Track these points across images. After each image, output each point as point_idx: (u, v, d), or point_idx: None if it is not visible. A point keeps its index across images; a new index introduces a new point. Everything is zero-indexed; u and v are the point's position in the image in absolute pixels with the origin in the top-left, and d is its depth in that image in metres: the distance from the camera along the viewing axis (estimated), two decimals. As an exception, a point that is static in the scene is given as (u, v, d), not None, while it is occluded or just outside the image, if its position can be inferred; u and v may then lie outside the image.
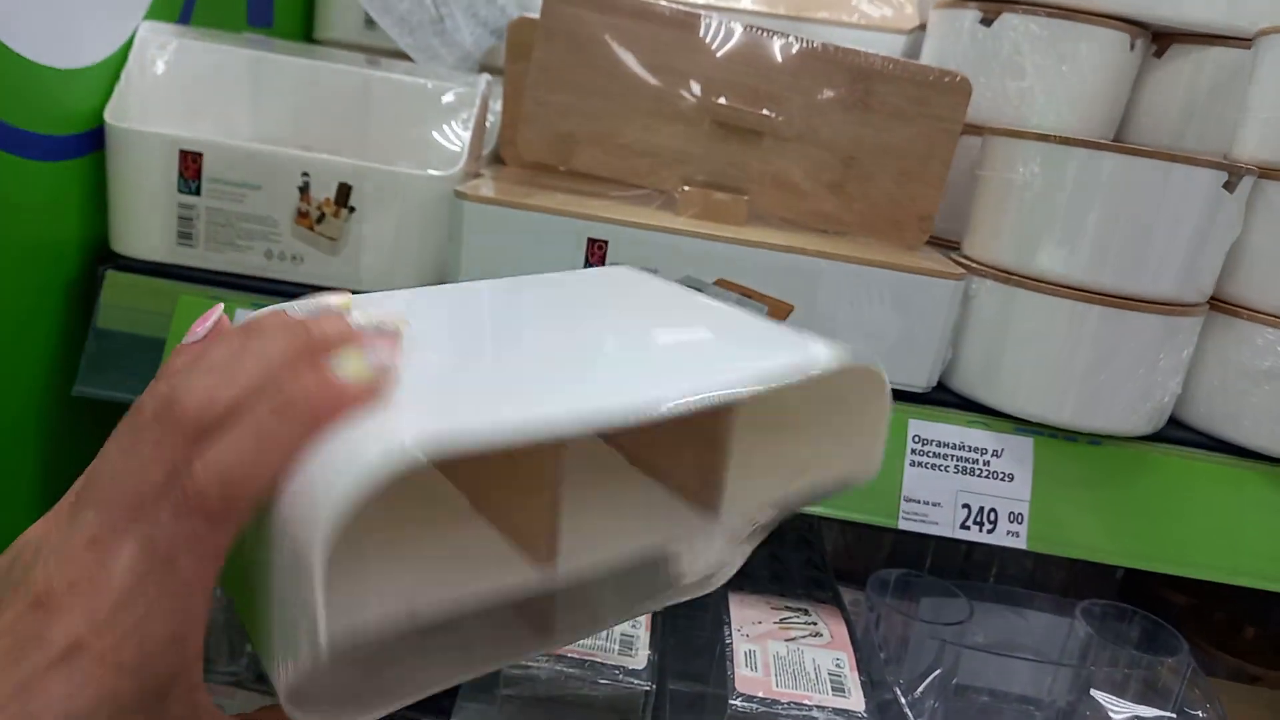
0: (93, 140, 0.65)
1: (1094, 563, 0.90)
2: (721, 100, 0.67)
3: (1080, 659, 0.72)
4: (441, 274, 0.67)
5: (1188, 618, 0.93)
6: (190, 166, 0.64)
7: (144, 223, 0.65)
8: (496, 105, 0.79)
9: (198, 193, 0.65)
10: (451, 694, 0.60)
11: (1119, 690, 0.69)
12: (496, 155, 0.80)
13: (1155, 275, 0.61)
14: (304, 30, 1.01)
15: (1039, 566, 0.89)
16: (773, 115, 0.67)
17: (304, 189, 0.64)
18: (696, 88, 0.68)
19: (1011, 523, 0.64)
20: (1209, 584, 0.65)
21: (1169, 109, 0.79)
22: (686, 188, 0.68)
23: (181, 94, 0.69)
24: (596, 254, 0.62)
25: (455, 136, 0.70)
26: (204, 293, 0.64)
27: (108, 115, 0.64)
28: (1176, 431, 0.67)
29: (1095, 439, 0.65)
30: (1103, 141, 0.59)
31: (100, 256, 0.67)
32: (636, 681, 0.56)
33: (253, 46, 0.72)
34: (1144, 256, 0.60)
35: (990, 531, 0.64)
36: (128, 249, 0.66)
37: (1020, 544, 0.63)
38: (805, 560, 0.74)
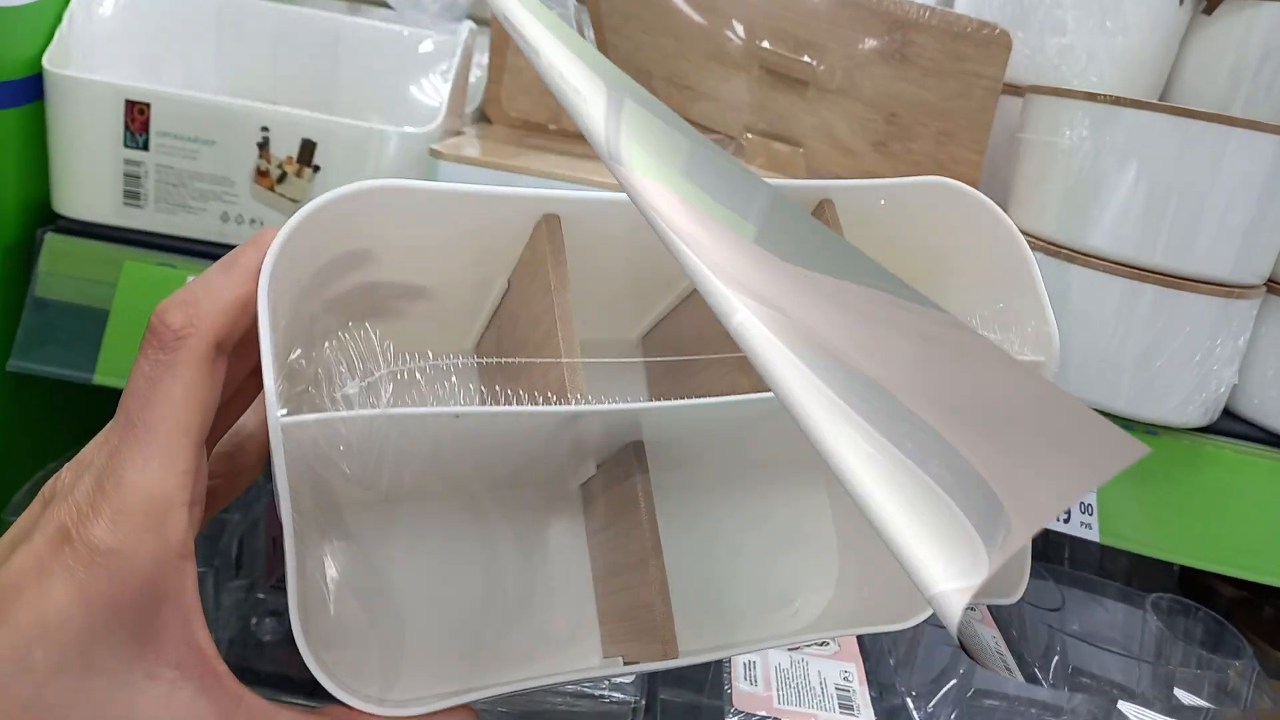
0: (30, 88, 0.58)
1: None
2: (765, 44, 0.61)
3: (1155, 656, 0.67)
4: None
5: (1236, 610, 0.88)
6: (137, 119, 0.58)
7: (87, 181, 0.59)
8: (483, 59, 0.72)
9: (145, 147, 0.58)
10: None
11: (1194, 690, 0.64)
12: (483, 113, 0.74)
13: (1210, 252, 0.54)
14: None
15: (1105, 556, 0.84)
16: (815, 64, 0.61)
17: (263, 145, 0.58)
18: (744, 32, 0.61)
19: (1083, 514, 0.58)
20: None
21: (1218, 72, 0.71)
22: (750, 135, 0.61)
23: (133, 39, 0.63)
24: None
25: (434, 90, 0.64)
26: (152, 258, 0.58)
27: (46, 61, 0.57)
28: (1231, 424, 0.61)
29: (1151, 429, 0.59)
30: (1157, 103, 0.52)
31: (40, 219, 0.60)
32: (623, 696, 0.50)
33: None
34: (1198, 231, 0.53)
35: (1065, 522, 0.58)
36: (70, 209, 0.59)
37: (1093, 535, 0.58)
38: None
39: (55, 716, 0.22)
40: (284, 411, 0.24)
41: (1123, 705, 0.58)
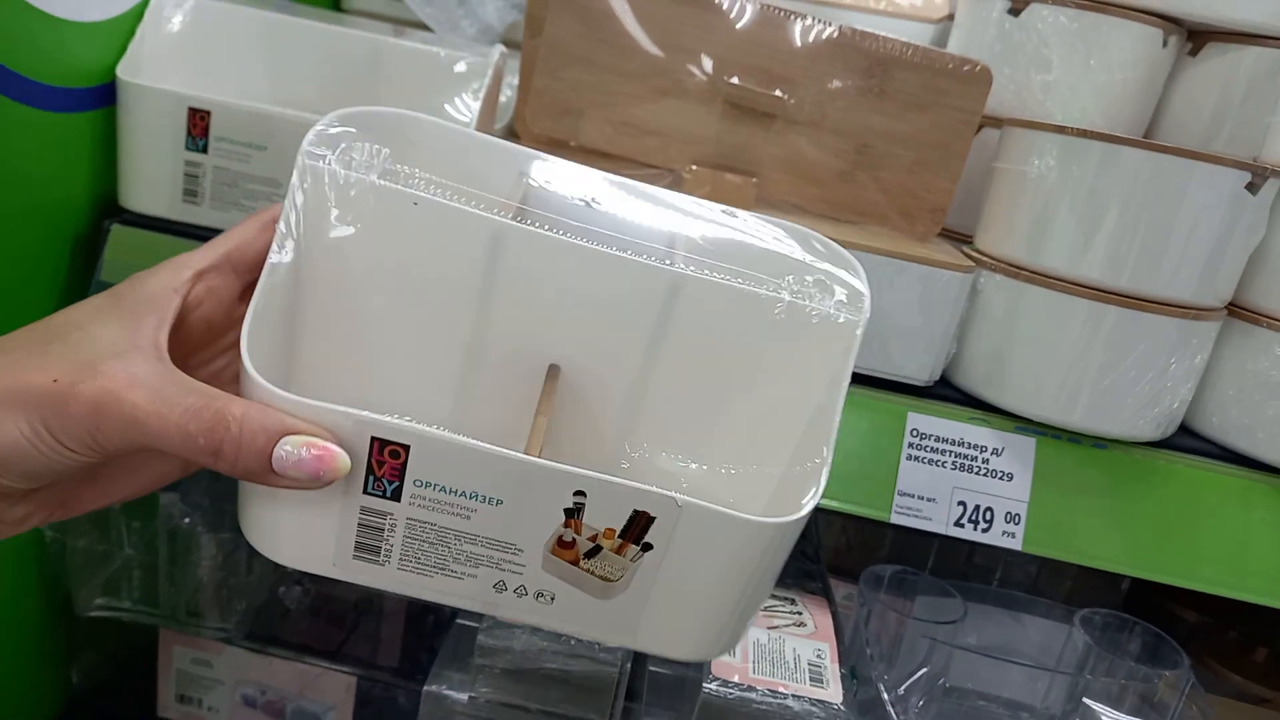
0: (103, 95, 0.65)
1: (1099, 574, 0.89)
2: (734, 80, 0.66)
3: (1077, 668, 0.70)
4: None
5: (1199, 636, 0.91)
6: (198, 124, 0.64)
7: (151, 179, 0.66)
8: (514, 80, 0.79)
9: (204, 150, 0.65)
10: (415, 649, 0.60)
11: (1114, 702, 0.67)
12: (511, 130, 0.80)
13: (1172, 276, 0.59)
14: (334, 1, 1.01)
15: (1043, 574, 0.87)
16: (785, 98, 0.66)
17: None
18: (709, 66, 0.67)
19: (1008, 523, 0.62)
20: (1222, 602, 0.63)
21: (1201, 111, 0.76)
22: (695, 167, 0.67)
23: (195, 53, 0.70)
24: (597, 229, 0.61)
25: (465, 107, 0.70)
26: (206, 251, 0.64)
27: (120, 71, 0.64)
28: (1187, 440, 0.65)
29: (1100, 442, 0.63)
30: (1121, 135, 0.57)
31: (107, 212, 0.67)
32: (610, 661, 0.55)
33: (271, 9, 0.72)
34: (1161, 256, 0.58)
35: (985, 530, 0.62)
36: (134, 204, 0.66)
37: (1015, 544, 0.62)
38: (799, 552, 0.73)
39: (71, 324, 0.36)
40: None
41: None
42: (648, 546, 0.35)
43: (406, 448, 0.33)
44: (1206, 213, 0.57)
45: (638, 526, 0.35)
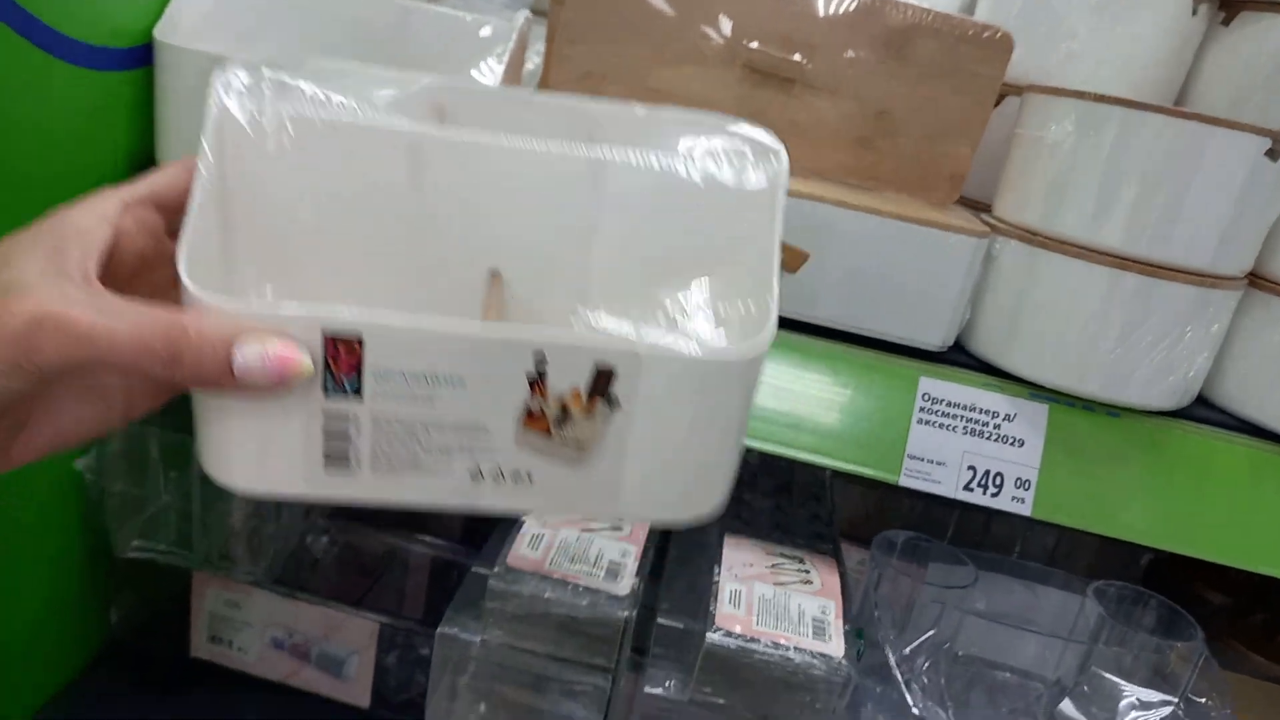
0: (141, 56, 0.67)
1: (1117, 551, 0.89)
2: (754, 45, 0.67)
3: (1090, 640, 0.71)
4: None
5: (1222, 616, 0.90)
6: (235, 86, 0.66)
7: (187, 138, 0.68)
8: (541, 46, 0.80)
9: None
10: (439, 601, 0.62)
11: (1125, 673, 0.68)
12: (537, 96, 0.81)
13: (1189, 244, 0.58)
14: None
15: (1061, 549, 0.87)
16: (805, 63, 0.67)
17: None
18: (729, 31, 0.67)
19: (1018, 488, 0.63)
20: (1247, 584, 0.63)
21: (1231, 82, 0.75)
22: (714, 132, 0.67)
23: (231, 17, 0.72)
24: (615, 190, 0.63)
25: (490, 71, 0.71)
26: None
27: (157, 32, 0.66)
28: (1203, 410, 0.65)
29: (1114, 410, 0.63)
30: (1139, 101, 0.57)
31: (145, 169, 0.69)
32: (617, 607, 0.57)
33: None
34: (1178, 223, 0.58)
35: (995, 495, 0.63)
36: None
37: (1025, 510, 0.62)
38: (812, 515, 0.74)
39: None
40: None
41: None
42: (615, 404, 0.35)
43: (360, 340, 0.33)
44: (1225, 180, 0.57)
45: (602, 383, 0.35)
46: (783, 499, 0.75)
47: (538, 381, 0.34)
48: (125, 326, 0.31)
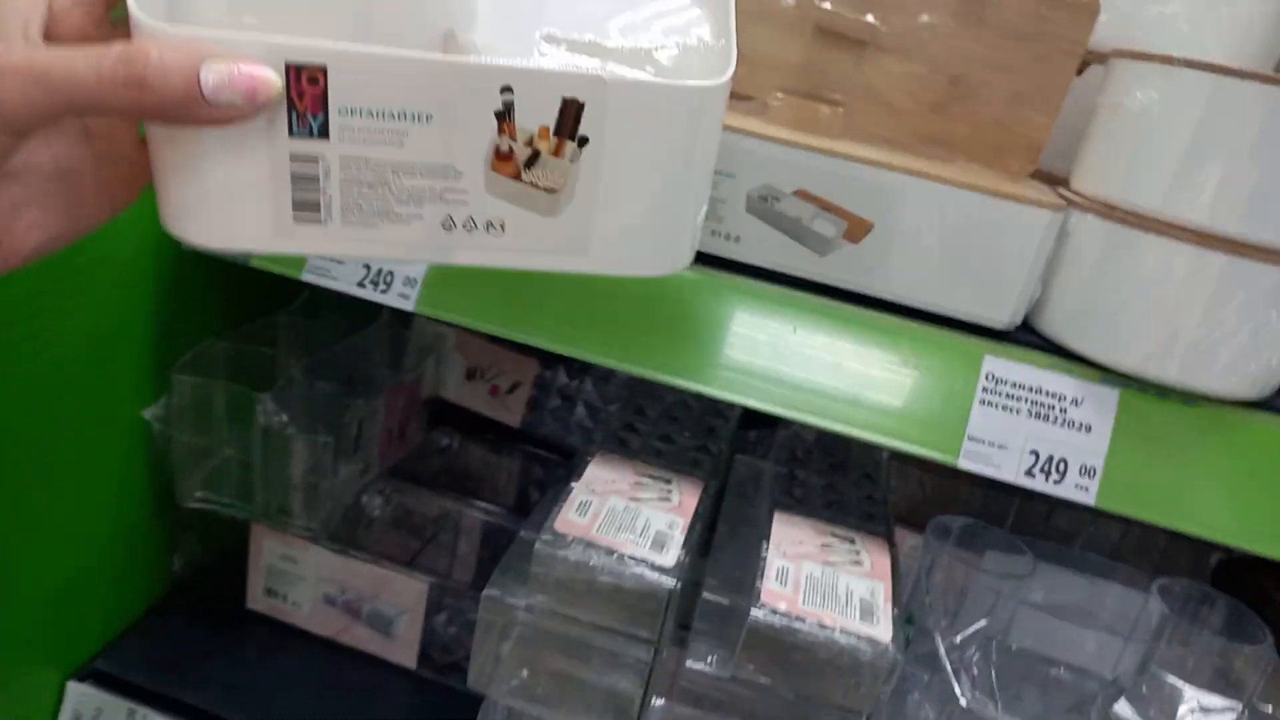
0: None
1: (1185, 547, 0.85)
2: (825, 5, 0.65)
3: (1152, 638, 0.68)
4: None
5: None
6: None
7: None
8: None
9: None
10: (489, 567, 0.63)
11: (1188, 675, 0.65)
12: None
13: (1281, 223, 0.55)
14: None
15: (1126, 543, 0.84)
16: (878, 24, 0.64)
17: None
18: (801, -7, 0.65)
19: (1083, 476, 0.60)
20: None
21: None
22: (780, 94, 0.66)
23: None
24: (674, 155, 0.61)
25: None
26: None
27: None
28: (1291, 402, 0.61)
29: (1190, 399, 0.60)
30: (1230, 66, 0.53)
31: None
32: (662, 578, 0.56)
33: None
34: (1270, 200, 0.54)
35: (1058, 483, 0.60)
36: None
37: (1089, 499, 0.60)
38: (866, 495, 0.72)
39: None
40: None
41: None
42: (583, 141, 0.35)
43: (324, 71, 0.32)
44: (1325, 152, 0.53)
45: (570, 118, 0.35)
46: (837, 477, 0.74)
47: (505, 118, 0.34)
48: (83, 58, 0.30)
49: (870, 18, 0.63)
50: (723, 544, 0.69)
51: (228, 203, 0.34)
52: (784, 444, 0.78)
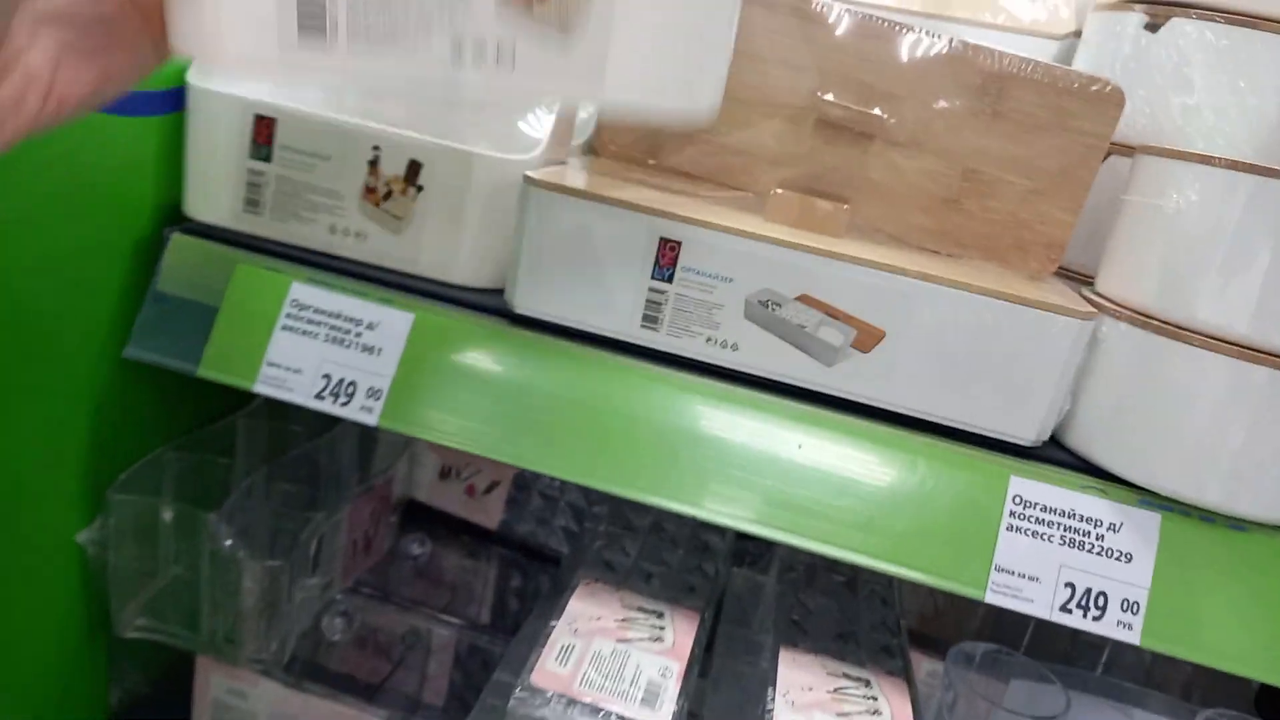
0: (173, 100, 0.63)
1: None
2: (830, 97, 0.60)
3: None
4: (506, 263, 0.62)
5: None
6: (263, 131, 0.62)
7: (214, 187, 0.63)
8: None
9: (269, 159, 0.62)
10: (461, 690, 0.56)
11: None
12: (593, 148, 0.75)
13: (1336, 335, 0.50)
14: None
15: (1157, 660, 0.77)
16: (886, 117, 0.60)
17: (374, 163, 0.61)
18: (804, 81, 0.61)
19: (1125, 611, 0.54)
20: None
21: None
22: (780, 190, 0.61)
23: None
24: (668, 255, 0.56)
25: (537, 123, 0.66)
26: (263, 263, 0.62)
27: (190, 75, 0.62)
28: (1347, 525, 0.56)
29: (1238, 523, 0.54)
30: (1275, 168, 0.49)
31: (170, 219, 0.65)
32: (654, 742, 0.49)
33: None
34: (1323, 311, 0.49)
35: (1097, 619, 0.54)
36: (197, 213, 0.64)
37: (1133, 638, 0.53)
38: (879, 621, 0.66)
39: None
40: None
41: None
42: None
43: None
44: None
45: None
46: (845, 598, 0.67)
47: None
48: None
49: (878, 110, 0.59)
50: (721, 678, 0.63)
51: (232, 15, 0.35)
52: (785, 557, 0.72)
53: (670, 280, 0.57)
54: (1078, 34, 0.76)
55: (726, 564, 0.70)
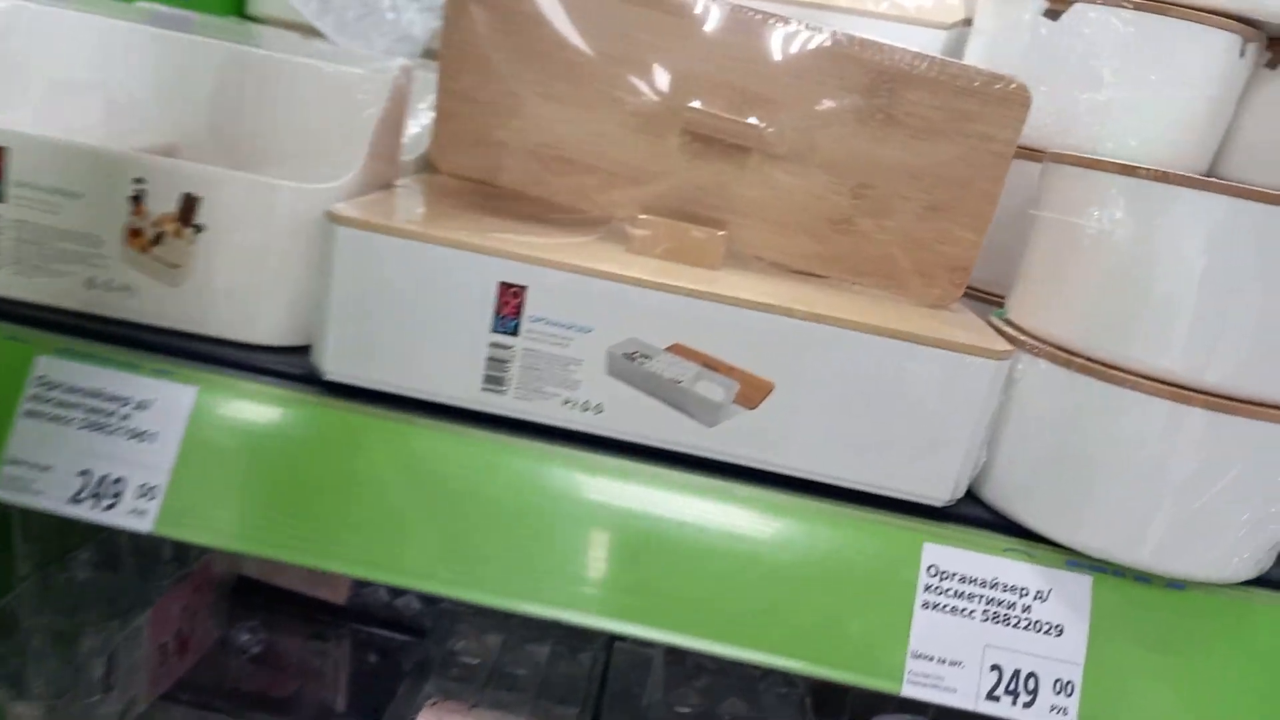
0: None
1: None
2: (696, 104, 0.51)
3: None
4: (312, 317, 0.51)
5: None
6: (-7, 165, 0.49)
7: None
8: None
9: (2, 199, 0.49)
10: None
11: None
12: (430, 164, 0.64)
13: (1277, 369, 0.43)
14: (237, 6, 0.86)
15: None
16: (763, 126, 0.51)
17: (138, 199, 0.49)
18: (665, 85, 0.51)
19: (1058, 694, 0.47)
20: None
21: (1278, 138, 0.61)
22: (643, 217, 0.51)
23: (26, 73, 0.54)
24: (510, 303, 0.46)
25: (354, 134, 0.55)
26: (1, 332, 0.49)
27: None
28: (1288, 572, 0.50)
29: (1177, 582, 0.48)
30: (1218, 181, 0.42)
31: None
32: None
33: (107, 13, 0.57)
34: (1269, 346, 0.43)
35: (1029, 705, 0.47)
36: (-86, 269, 0.51)
37: (1069, 724, 0.46)
38: (780, 695, 0.57)
39: None
40: None
41: None
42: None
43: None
44: (1332, 286, 0.42)
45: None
46: (757, 678, 0.59)
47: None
48: None
49: (754, 119, 0.50)
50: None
51: None
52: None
53: (515, 333, 0.47)
54: (968, 22, 0.68)
55: (606, 646, 0.60)
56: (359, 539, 0.45)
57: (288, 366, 0.49)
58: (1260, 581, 0.49)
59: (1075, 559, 0.48)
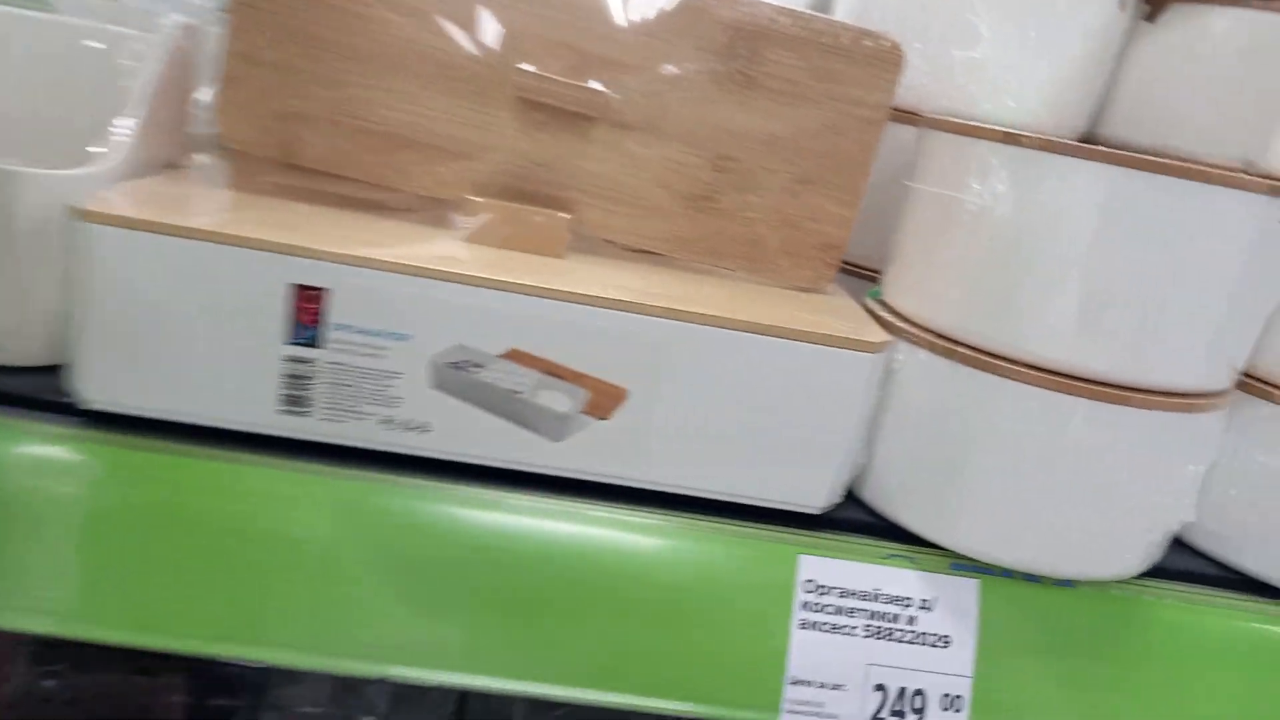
0: None
1: None
2: (528, 67, 0.44)
3: None
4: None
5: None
6: None
7: None
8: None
9: None
10: None
11: None
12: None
13: (1175, 356, 0.40)
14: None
15: None
16: (608, 92, 0.44)
17: None
18: (493, 42, 0.44)
19: (947, 710, 0.43)
20: None
21: (1160, 95, 0.58)
22: (473, 199, 0.44)
23: None
24: (309, 309, 0.39)
25: (122, 103, 0.46)
26: None
27: None
28: (1178, 559, 0.47)
29: (1067, 580, 0.45)
30: (1106, 150, 0.37)
31: None
32: None
33: None
34: (1160, 330, 0.39)
35: (915, 727, 0.43)
36: None
37: (959, 743, 0.43)
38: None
39: None
40: None
41: None
42: None
43: None
44: (1225, 262, 0.39)
45: None
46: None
47: None
48: None
49: (595, 83, 0.43)
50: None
51: None
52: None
53: (316, 344, 0.39)
54: (837, -29, 0.63)
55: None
56: (126, 602, 0.38)
57: (42, 391, 0.41)
58: (1152, 574, 0.46)
59: (960, 562, 0.44)
